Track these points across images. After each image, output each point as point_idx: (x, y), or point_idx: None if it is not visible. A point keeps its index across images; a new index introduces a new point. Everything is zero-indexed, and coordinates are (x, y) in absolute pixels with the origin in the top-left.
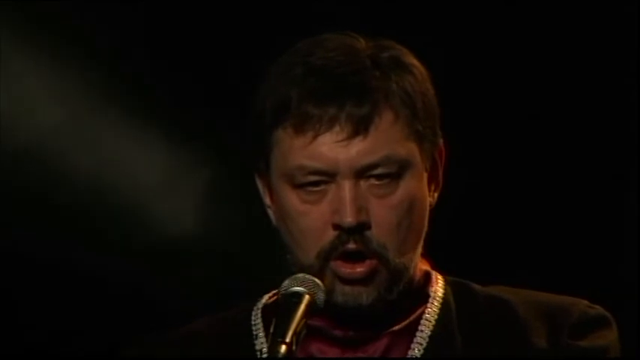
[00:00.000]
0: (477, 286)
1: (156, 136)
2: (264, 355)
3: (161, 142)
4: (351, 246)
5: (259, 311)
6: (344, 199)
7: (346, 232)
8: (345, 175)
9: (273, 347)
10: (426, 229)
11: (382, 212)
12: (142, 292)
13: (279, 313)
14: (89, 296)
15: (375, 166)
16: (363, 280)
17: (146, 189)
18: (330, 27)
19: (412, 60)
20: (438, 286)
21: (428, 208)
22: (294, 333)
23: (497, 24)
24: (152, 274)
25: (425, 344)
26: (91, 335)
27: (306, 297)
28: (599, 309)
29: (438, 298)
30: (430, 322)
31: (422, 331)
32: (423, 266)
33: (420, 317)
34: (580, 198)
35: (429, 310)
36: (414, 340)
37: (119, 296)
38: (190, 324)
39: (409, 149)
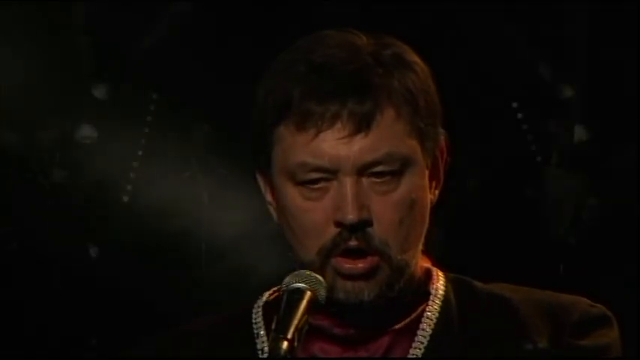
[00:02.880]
0: (478, 284)
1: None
2: (265, 355)
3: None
4: (353, 243)
5: (260, 309)
6: (346, 196)
7: (348, 230)
8: (347, 172)
9: (275, 343)
10: (427, 225)
11: (384, 209)
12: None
13: (280, 310)
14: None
15: (376, 163)
16: (364, 276)
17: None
18: (331, 27)
19: (414, 57)
20: (439, 284)
21: (429, 205)
22: (296, 329)
23: (498, 22)
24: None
25: (426, 343)
26: (92, 335)
27: (308, 293)
28: (600, 308)
29: (439, 296)
30: (431, 320)
31: (423, 329)
32: (424, 263)
33: (421, 315)
34: (579, 197)
35: (430, 307)
36: (416, 339)
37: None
38: (191, 323)
39: (411, 146)
